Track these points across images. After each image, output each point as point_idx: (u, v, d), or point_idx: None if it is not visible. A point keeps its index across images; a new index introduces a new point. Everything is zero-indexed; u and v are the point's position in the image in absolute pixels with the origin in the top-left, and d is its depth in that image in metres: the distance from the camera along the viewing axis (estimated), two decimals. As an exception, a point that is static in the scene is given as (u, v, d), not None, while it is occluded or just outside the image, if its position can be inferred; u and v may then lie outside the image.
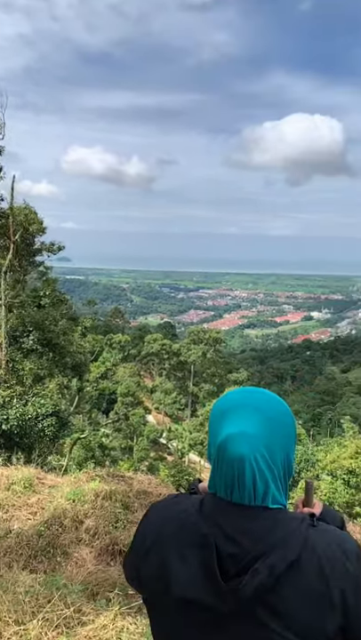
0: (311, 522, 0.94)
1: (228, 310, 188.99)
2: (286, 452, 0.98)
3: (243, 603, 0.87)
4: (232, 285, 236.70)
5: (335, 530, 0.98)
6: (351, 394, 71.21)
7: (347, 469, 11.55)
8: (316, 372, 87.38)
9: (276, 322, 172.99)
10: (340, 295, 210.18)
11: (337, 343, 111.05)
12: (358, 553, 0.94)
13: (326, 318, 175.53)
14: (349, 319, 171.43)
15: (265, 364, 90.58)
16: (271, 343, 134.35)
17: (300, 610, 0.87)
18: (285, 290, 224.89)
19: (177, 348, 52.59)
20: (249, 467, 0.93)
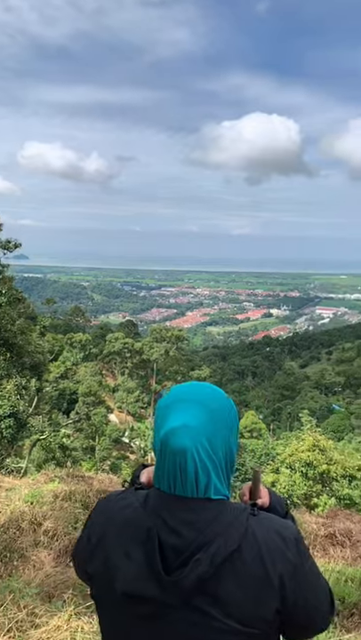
0: (252, 511, 0.97)
1: (190, 308, 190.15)
2: (228, 443, 1.01)
3: (184, 593, 0.90)
4: (194, 283, 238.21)
5: (276, 518, 1.01)
6: (309, 388, 73.44)
7: (304, 462, 11.86)
8: (275, 367, 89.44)
9: (237, 319, 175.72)
10: (297, 292, 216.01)
11: (295, 339, 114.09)
12: (298, 539, 0.97)
13: (285, 315, 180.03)
14: (307, 315, 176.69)
15: (227, 361, 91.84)
16: (233, 340, 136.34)
17: (240, 597, 0.90)
18: (246, 288, 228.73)
19: (139, 347, 52.40)
20: (191, 458, 0.95)
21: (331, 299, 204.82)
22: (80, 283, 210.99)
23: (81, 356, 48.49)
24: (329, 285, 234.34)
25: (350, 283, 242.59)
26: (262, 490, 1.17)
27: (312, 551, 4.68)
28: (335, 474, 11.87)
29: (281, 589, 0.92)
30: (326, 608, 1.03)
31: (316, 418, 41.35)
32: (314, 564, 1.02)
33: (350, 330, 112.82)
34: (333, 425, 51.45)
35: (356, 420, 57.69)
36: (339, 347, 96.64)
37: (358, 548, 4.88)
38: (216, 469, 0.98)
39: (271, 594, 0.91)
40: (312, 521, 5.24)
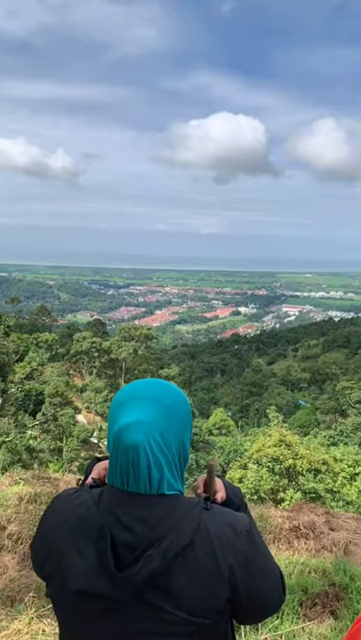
0: (205, 505, 0.99)
1: (159, 307, 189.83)
2: (181, 438, 1.02)
3: (136, 589, 0.91)
4: (163, 282, 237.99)
5: (228, 511, 1.03)
6: (276, 385, 74.77)
7: (271, 457, 12.10)
8: (243, 364, 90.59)
9: (205, 317, 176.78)
10: (264, 291, 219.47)
11: (263, 337, 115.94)
12: (250, 530, 1.00)
13: (253, 313, 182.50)
14: (273, 313, 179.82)
15: (196, 359, 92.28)
16: (201, 338, 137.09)
17: (191, 590, 0.93)
18: (214, 286, 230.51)
19: (107, 346, 51.89)
20: (144, 453, 0.96)
21: (296, 297, 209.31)
22: (46, 281, 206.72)
23: (47, 356, 47.60)
24: (295, 284, 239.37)
25: (315, 281, 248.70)
26: (218, 482, 1.17)
27: (277, 544, 4.77)
28: (301, 468, 12.17)
29: (232, 581, 0.95)
30: (277, 595, 1.07)
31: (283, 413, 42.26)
32: (267, 553, 1.05)
33: (315, 327, 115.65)
34: (300, 420, 52.64)
35: (321, 414, 59.20)
36: (304, 343, 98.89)
37: (322, 540, 5.02)
38: (169, 464, 0.99)
39: (222, 585, 0.94)
40: (277, 515, 5.35)
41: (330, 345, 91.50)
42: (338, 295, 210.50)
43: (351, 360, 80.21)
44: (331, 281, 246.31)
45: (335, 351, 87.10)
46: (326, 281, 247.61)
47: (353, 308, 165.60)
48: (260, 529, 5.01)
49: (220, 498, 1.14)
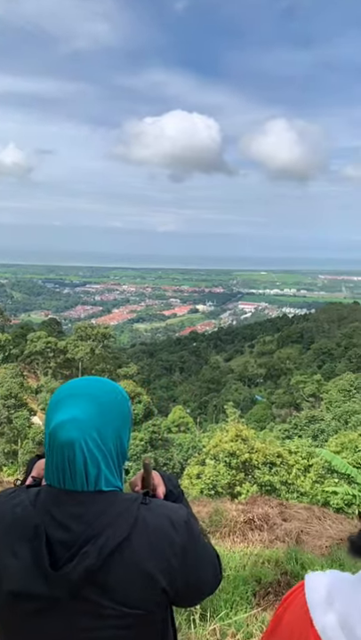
0: (143, 500, 1.01)
1: (116, 305, 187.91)
2: (119, 435, 1.03)
3: (72, 586, 0.92)
4: (120, 280, 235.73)
5: (167, 504, 1.06)
6: (234, 381, 76.04)
7: (228, 452, 12.33)
8: (202, 362, 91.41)
9: (164, 315, 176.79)
10: (221, 288, 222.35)
11: (220, 334, 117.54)
12: (187, 521, 1.03)
13: (210, 310, 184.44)
14: (230, 311, 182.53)
15: (154, 357, 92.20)
16: (160, 336, 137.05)
17: (128, 583, 0.94)
18: (172, 284, 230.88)
19: (63, 346, 50.85)
20: (79, 450, 0.97)
21: (252, 294, 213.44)
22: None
23: (0, 357, 46.03)
24: (250, 281, 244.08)
25: (269, 279, 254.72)
26: (156, 477, 1.18)
27: (232, 537, 4.88)
28: (257, 462, 12.47)
29: (169, 572, 0.97)
30: (214, 580, 1.11)
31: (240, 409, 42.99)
32: (204, 542, 1.08)
33: (270, 323, 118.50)
34: (256, 415, 53.82)
35: (276, 409, 60.81)
36: (260, 340, 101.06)
37: (275, 531, 5.18)
38: (106, 460, 1.00)
39: (159, 577, 0.96)
40: (232, 508, 5.46)
41: (284, 341, 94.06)
42: (291, 292, 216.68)
43: (304, 355, 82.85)
44: (284, 278, 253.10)
45: (289, 347, 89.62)
46: (280, 278, 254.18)
47: (305, 305, 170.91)
48: (216, 523, 5.10)
49: (161, 493, 1.16)
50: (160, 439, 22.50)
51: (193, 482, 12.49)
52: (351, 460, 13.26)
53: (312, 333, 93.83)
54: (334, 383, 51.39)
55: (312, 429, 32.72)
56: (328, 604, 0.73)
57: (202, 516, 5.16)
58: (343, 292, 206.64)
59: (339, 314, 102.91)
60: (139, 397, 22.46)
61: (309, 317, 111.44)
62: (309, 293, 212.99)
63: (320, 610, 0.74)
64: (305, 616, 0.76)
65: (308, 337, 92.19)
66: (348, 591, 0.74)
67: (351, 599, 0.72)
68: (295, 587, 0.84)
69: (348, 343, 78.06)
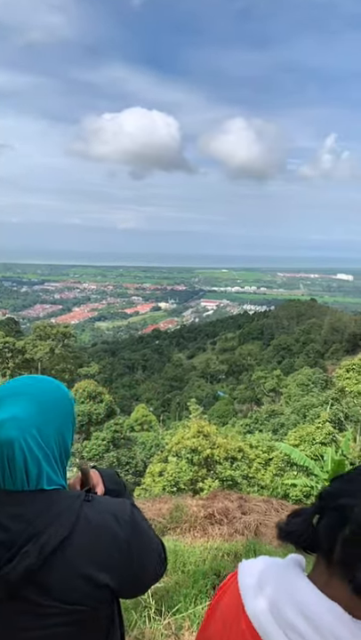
0: (86, 497, 1.01)
1: (77, 303, 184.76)
2: (61, 433, 1.03)
3: (11, 586, 0.91)
4: (80, 278, 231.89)
5: (109, 500, 1.07)
6: (196, 378, 76.61)
7: (190, 448, 12.43)
8: (165, 359, 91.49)
9: (126, 313, 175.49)
10: (183, 286, 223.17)
11: (183, 331, 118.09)
12: (131, 516, 1.04)
13: (173, 308, 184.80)
14: (193, 308, 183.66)
15: (117, 356, 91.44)
16: (122, 335, 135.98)
17: (70, 581, 0.94)
18: (134, 282, 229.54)
19: (22, 345, 49.46)
20: (19, 448, 0.96)
21: (214, 292, 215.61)
22: None
23: None
24: (212, 279, 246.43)
25: (230, 276, 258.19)
26: (94, 475, 1.18)
27: (193, 532, 4.94)
28: (218, 457, 12.64)
29: (113, 568, 0.98)
30: (159, 568, 1.12)
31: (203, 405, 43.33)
32: (148, 532, 1.09)
33: (232, 320, 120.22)
34: (219, 411, 54.49)
35: (238, 404, 61.80)
36: (222, 337, 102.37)
37: (235, 524, 5.28)
38: (48, 459, 1.00)
39: (102, 574, 0.96)
40: (193, 504, 5.52)
41: (245, 337, 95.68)
42: (252, 290, 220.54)
43: (265, 351, 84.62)
44: (245, 276, 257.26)
45: (250, 343, 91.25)
46: (241, 276, 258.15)
47: (265, 302, 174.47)
48: (176, 519, 5.14)
49: (99, 491, 1.16)
50: (123, 438, 22.35)
51: (155, 479, 12.51)
52: (309, 453, 13.69)
53: (272, 330, 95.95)
54: (293, 378, 52.79)
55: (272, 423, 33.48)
56: (259, 589, 0.76)
57: (163, 513, 5.19)
58: (301, 290, 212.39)
59: (297, 310, 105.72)
60: (100, 397, 22.22)
61: (269, 314, 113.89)
62: (269, 291, 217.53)
63: (251, 595, 0.76)
64: (238, 602, 0.78)
65: (268, 333, 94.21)
66: (277, 576, 0.76)
67: (280, 583, 0.75)
68: (230, 575, 0.87)
69: (306, 339, 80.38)
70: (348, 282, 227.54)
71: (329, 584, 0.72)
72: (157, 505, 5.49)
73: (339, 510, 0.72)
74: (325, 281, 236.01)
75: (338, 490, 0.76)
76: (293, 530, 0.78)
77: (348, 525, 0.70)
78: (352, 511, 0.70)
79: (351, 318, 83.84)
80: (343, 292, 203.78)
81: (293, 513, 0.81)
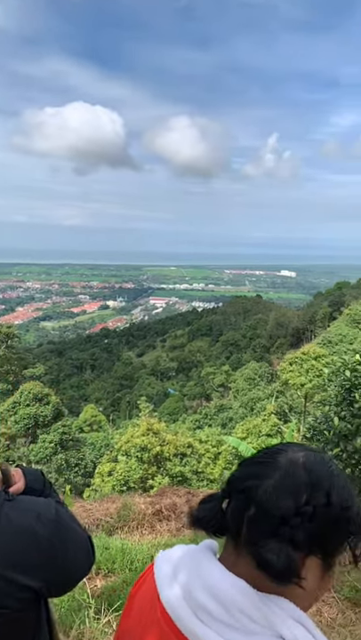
0: (7, 496, 1.01)
1: (20, 303, 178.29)
2: None
3: None
4: (23, 277, 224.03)
5: (33, 499, 1.06)
6: (146, 376, 76.53)
7: (139, 447, 12.42)
8: (114, 358, 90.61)
9: (73, 312, 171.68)
10: (132, 284, 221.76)
11: (132, 329, 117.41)
12: (55, 514, 1.04)
13: (121, 306, 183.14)
14: (142, 306, 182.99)
15: (64, 356, 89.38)
16: (69, 334, 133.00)
17: None
18: (80, 280, 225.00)
19: None
20: None
21: (163, 289, 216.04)
22: None
23: None
24: (160, 276, 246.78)
25: (179, 274, 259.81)
26: (16, 475, 1.18)
27: (140, 530, 4.96)
28: (168, 454, 12.72)
29: (35, 568, 0.97)
30: (86, 564, 1.12)
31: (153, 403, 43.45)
32: (74, 528, 1.08)
33: (181, 318, 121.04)
34: (169, 408, 54.79)
35: (188, 400, 62.45)
36: (171, 334, 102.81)
37: (182, 520, 5.35)
38: None
39: (22, 575, 0.95)
40: (141, 502, 5.54)
41: (194, 334, 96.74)
42: (200, 287, 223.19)
43: (213, 347, 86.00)
44: (193, 273, 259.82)
45: (199, 340, 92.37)
46: (189, 273, 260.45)
47: (213, 299, 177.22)
48: (124, 518, 5.14)
49: (15, 489, 1.14)
50: (71, 440, 21.92)
51: (105, 479, 12.40)
52: (256, 445, 14.11)
53: (220, 326, 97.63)
54: (241, 373, 54.03)
55: (221, 418, 34.15)
56: (173, 577, 0.78)
57: (110, 513, 5.17)
58: (247, 286, 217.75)
59: (244, 307, 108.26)
60: (47, 399, 21.65)
61: (217, 311, 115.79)
62: (217, 288, 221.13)
63: (166, 584, 0.78)
64: (153, 592, 0.80)
65: (216, 329, 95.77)
66: (191, 562, 0.79)
67: (192, 568, 0.77)
68: (148, 566, 0.87)
69: (253, 334, 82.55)
70: (292, 278, 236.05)
71: (236, 563, 0.75)
72: (105, 505, 5.46)
73: (245, 492, 0.76)
74: (270, 277, 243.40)
75: (244, 473, 0.79)
76: (203, 515, 0.80)
77: (252, 506, 0.73)
78: (256, 492, 0.74)
79: (295, 313, 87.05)
80: (287, 288, 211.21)
81: (204, 499, 0.83)
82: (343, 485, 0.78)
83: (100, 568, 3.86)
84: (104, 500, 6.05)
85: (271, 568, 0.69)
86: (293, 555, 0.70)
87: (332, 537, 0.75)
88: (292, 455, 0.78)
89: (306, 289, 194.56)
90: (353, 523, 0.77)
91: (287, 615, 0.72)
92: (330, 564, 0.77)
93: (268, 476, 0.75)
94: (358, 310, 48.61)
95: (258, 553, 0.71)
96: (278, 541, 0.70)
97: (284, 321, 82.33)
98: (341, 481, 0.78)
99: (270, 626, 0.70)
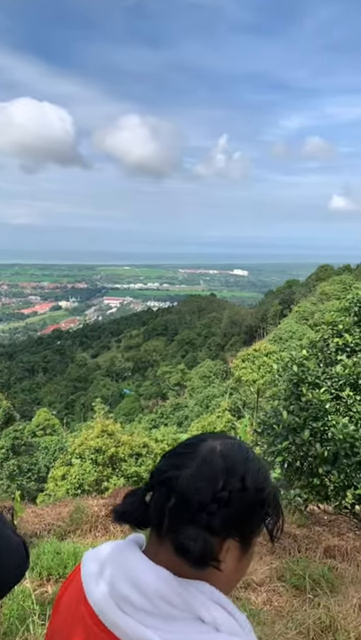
0: None
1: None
2: None
3: None
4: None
5: None
6: (101, 377, 75.60)
7: (94, 449, 12.24)
8: (67, 360, 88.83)
9: (23, 314, 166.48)
10: (85, 284, 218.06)
11: (86, 330, 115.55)
12: None
13: (74, 307, 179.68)
14: (95, 306, 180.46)
15: (14, 359, 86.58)
16: (20, 336, 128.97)
17: None
18: (31, 280, 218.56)
19: None
20: None
21: (117, 289, 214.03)
22: None
23: None
24: (114, 276, 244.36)
25: (133, 273, 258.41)
26: None
27: (94, 532, 4.89)
28: (123, 454, 12.62)
29: None
30: (19, 570, 1.10)
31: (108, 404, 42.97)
32: (6, 538, 1.07)
33: (136, 317, 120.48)
34: (125, 408, 54.40)
35: (144, 400, 62.29)
36: (127, 334, 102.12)
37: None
38: None
39: None
40: (94, 504, 5.47)
41: (150, 333, 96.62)
42: (155, 286, 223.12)
43: (169, 346, 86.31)
44: (147, 273, 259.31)
45: (155, 339, 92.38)
46: (143, 273, 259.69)
47: (168, 298, 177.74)
48: (77, 521, 5.05)
49: None
50: (24, 444, 21.29)
51: (58, 483, 12.12)
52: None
53: (175, 325, 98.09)
54: (196, 371, 54.54)
55: (177, 416, 34.35)
56: (100, 574, 0.78)
57: (62, 517, 5.07)
58: (201, 285, 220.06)
59: (198, 305, 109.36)
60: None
61: (172, 310, 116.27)
62: (171, 287, 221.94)
63: (93, 582, 0.78)
64: (80, 591, 0.80)
65: (172, 329, 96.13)
66: (117, 556, 0.79)
67: (117, 563, 0.78)
68: (76, 566, 0.87)
69: (208, 332, 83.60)
70: (244, 277, 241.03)
71: (158, 553, 0.77)
72: (57, 509, 5.34)
73: (165, 484, 0.77)
74: (223, 276, 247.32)
75: (165, 465, 0.80)
76: (126, 509, 0.81)
77: (173, 496, 0.75)
78: (176, 482, 0.76)
79: (248, 311, 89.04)
80: (240, 287, 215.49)
81: (127, 493, 0.84)
82: (258, 469, 0.81)
83: (52, 574, 3.77)
84: (56, 504, 5.92)
85: (188, 553, 0.71)
86: (210, 539, 0.72)
87: (248, 520, 0.78)
88: (210, 444, 0.81)
89: (258, 287, 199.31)
90: (268, 504, 0.80)
91: (207, 598, 0.74)
92: (248, 546, 0.79)
93: (187, 466, 0.77)
94: (307, 307, 50.40)
95: (176, 540, 0.72)
96: (195, 527, 0.72)
97: (237, 319, 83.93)
98: (256, 465, 0.81)
99: (190, 609, 0.72)
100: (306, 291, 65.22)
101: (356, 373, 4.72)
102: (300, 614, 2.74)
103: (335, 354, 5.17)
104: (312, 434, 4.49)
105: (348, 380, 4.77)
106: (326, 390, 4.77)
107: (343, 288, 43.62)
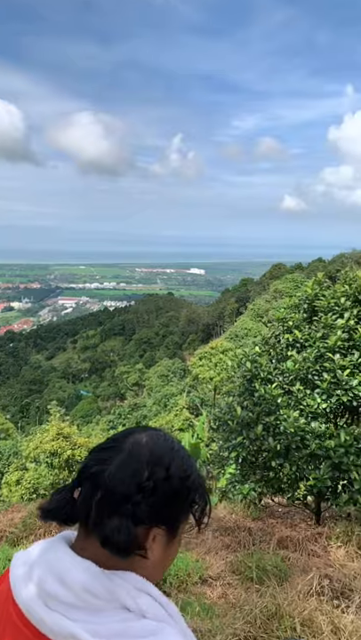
0: None
1: None
2: None
3: None
4: None
5: None
6: (57, 379, 73.98)
7: (49, 452, 11.95)
8: (21, 362, 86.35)
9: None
10: (38, 284, 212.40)
11: (40, 331, 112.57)
12: None
13: (27, 307, 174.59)
14: (50, 307, 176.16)
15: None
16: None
17: None
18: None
19: None
20: None
21: (72, 289, 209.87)
22: None
23: None
24: (69, 276, 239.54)
25: (89, 273, 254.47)
26: None
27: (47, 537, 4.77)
28: (80, 457, 12.41)
29: None
30: None
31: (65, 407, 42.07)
32: None
33: (92, 318, 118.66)
34: (82, 410, 53.55)
35: (102, 401, 61.53)
36: (83, 335, 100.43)
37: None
38: None
39: None
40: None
41: (107, 333, 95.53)
42: (111, 285, 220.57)
43: (127, 346, 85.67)
44: (104, 272, 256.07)
45: (112, 339, 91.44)
46: (100, 272, 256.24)
47: (125, 297, 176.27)
48: (30, 526, 4.91)
49: None
50: (-25, 451, 20.48)
51: (12, 489, 11.75)
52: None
53: (133, 324, 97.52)
54: (154, 370, 54.50)
55: (135, 416, 34.14)
56: (28, 576, 0.77)
57: (15, 523, 4.91)
58: (158, 284, 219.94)
59: (156, 304, 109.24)
60: None
61: (130, 309, 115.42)
62: (128, 286, 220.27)
63: (21, 584, 0.77)
64: (8, 594, 0.79)
65: (129, 328, 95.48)
66: (46, 555, 0.78)
67: (45, 561, 0.77)
68: (6, 570, 0.86)
69: (166, 331, 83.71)
70: (201, 276, 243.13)
71: (85, 547, 0.77)
72: (9, 515, 5.16)
73: (92, 479, 0.78)
74: (180, 275, 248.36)
75: (92, 460, 0.81)
76: (54, 506, 0.81)
77: (99, 490, 0.76)
78: (102, 476, 0.77)
79: (205, 310, 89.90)
80: (197, 286, 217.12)
81: (55, 491, 0.84)
82: (182, 457, 0.82)
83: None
84: (9, 510, 5.73)
85: (111, 544, 0.73)
86: (133, 529, 0.73)
87: (173, 507, 0.79)
88: (135, 437, 0.82)
89: (214, 286, 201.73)
90: (193, 491, 0.82)
91: (131, 586, 0.75)
92: (175, 534, 0.81)
93: (113, 460, 0.78)
94: (261, 305, 51.57)
95: (101, 532, 0.73)
96: (120, 518, 0.73)
97: (195, 317, 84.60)
98: (181, 454, 0.83)
99: (115, 599, 0.73)
100: (260, 289, 66.70)
101: (306, 368, 4.86)
102: (249, 605, 2.80)
103: (286, 350, 5.30)
104: (265, 428, 4.58)
105: (299, 374, 4.90)
106: (278, 385, 4.88)
107: (295, 286, 44.98)
